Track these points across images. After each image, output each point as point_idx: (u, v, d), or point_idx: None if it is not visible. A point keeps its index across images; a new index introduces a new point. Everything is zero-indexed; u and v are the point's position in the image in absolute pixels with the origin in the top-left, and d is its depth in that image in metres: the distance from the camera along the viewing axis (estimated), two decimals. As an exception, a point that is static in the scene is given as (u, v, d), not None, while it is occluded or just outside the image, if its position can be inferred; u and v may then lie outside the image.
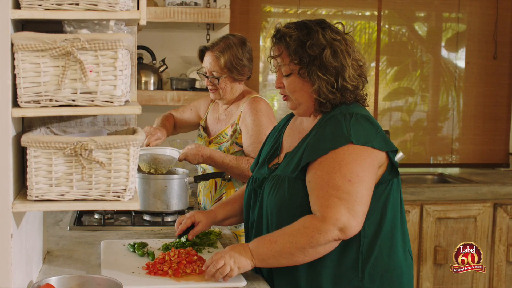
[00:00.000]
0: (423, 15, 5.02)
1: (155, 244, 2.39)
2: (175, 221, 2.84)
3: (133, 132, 1.86)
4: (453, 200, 4.11)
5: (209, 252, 2.32)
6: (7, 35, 1.57)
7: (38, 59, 1.59)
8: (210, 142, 3.10)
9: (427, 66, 5.02)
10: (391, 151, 2.02)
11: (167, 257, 2.10)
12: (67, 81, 1.60)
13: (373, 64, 4.92)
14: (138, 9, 1.72)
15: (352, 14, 4.97)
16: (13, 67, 1.59)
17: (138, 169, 2.87)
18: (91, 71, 1.61)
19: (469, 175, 4.61)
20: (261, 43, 4.73)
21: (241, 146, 2.96)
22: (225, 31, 4.21)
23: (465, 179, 4.44)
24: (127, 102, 1.74)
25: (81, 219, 2.83)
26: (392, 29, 4.98)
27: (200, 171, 3.15)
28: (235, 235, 2.91)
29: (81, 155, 1.62)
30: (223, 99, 3.06)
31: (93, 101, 1.63)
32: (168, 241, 2.39)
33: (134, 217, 2.84)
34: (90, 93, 1.62)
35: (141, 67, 4.05)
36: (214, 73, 2.98)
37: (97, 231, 2.66)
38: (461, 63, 5.05)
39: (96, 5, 1.61)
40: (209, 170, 3.02)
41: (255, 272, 2.18)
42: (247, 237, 2.28)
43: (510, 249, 4.15)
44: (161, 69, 4.13)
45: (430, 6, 4.98)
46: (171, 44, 4.33)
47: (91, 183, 1.66)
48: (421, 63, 5.02)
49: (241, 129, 2.95)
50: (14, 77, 1.60)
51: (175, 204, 2.84)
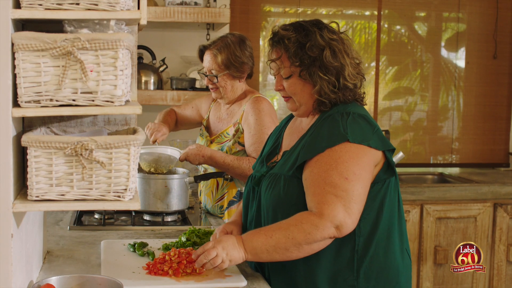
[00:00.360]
0: (423, 14, 5.02)
1: (155, 244, 2.39)
2: (175, 221, 2.85)
3: (134, 132, 1.85)
4: (453, 200, 4.11)
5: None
6: (7, 35, 1.57)
7: (38, 59, 1.59)
8: (211, 141, 3.10)
9: (427, 65, 5.02)
10: (388, 150, 2.02)
11: (167, 257, 2.10)
12: (67, 81, 1.60)
13: (373, 63, 4.92)
14: (138, 8, 1.72)
15: (352, 13, 4.97)
16: (14, 67, 1.59)
17: (138, 168, 2.89)
18: (91, 71, 1.61)
19: (469, 175, 4.61)
20: (261, 43, 4.73)
21: (244, 145, 2.96)
22: (225, 30, 4.21)
23: (465, 179, 4.44)
24: (127, 102, 1.74)
25: (81, 219, 2.83)
26: (392, 28, 4.98)
27: (201, 170, 3.15)
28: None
29: (81, 155, 1.62)
30: (224, 98, 3.06)
31: (93, 101, 1.62)
32: (168, 241, 2.39)
33: (134, 217, 2.84)
34: (90, 93, 1.62)
35: (141, 66, 4.05)
36: (213, 71, 2.99)
37: (97, 231, 2.66)
38: (461, 63, 5.05)
39: (96, 5, 1.61)
40: (211, 169, 3.02)
41: (255, 270, 2.18)
42: None
43: (510, 249, 4.15)
44: (161, 69, 4.13)
45: (430, 5, 4.98)
46: (171, 44, 4.33)
47: (91, 183, 1.65)
48: (421, 62, 5.02)
49: (243, 128, 2.95)
50: (14, 77, 1.60)
51: (175, 204, 2.84)
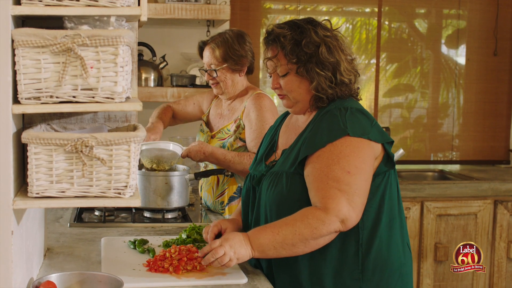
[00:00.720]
0: (423, 11, 5.02)
1: (155, 241, 2.38)
2: (175, 218, 2.85)
3: (134, 128, 1.85)
4: (453, 197, 4.10)
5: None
6: (7, 31, 1.56)
7: (38, 55, 1.58)
8: (212, 137, 3.10)
9: (427, 62, 5.02)
10: (387, 143, 2.04)
11: (167, 254, 2.10)
12: (67, 77, 1.59)
13: (373, 60, 4.91)
14: (139, 5, 1.72)
15: (352, 10, 4.96)
16: (14, 64, 1.59)
17: (139, 164, 2.89)
18: (91, 68, 1.60)
19: (470, 172, 4.60)
20: (262, 40, 4.71)
21: (245, 141, 2.96)
22: (226, 27, 4.20)
23: (466, 176, 4.44)
24: (128, 98, 1.73)
25: (81, 216, 2.83)
26: (392, 25, 4.98)
27: (202, 167, 3.15)
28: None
29: (81, 151, 1.61)
30: (225, 93, 3.06)
31: (93, 97, 1.62)
32: (168, 238, 2.39)
33: (134, 214, 2.84)
34: (90, 90, 1.62)
35: (141, 63, 4.05)
36: (212, 66, 3.01)
37: (97, 228, 2.65)
38: (462, 60, 5.05)
39: (96, 1, 1.60)
40: (211, 166, 3.02)
41: (255, 267, 2.18)
42: None
43: (510, 246, 4.14)
44: (161, 66, 4.12)
45: (430, 2, 4.97)
46: (171, 40, 4.32)
47: (91, 180, 1.65)
48: (421, 59, 5.01)
49: (244, 124, 2.95)
50: (14, 73, 1.59)
51: (176, 201, 2.83)
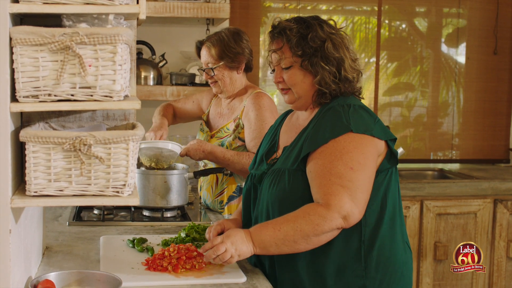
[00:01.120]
0: (423, 10, 5.01)
1: (154, 239, 2.38)
2: (174, 217, 2.84)
3: (133, 127, 1.85)
4: (453, 196, 4.10)
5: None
6: (5, 29, 1.56)
7: (36, 54, 1.58)
8: (211, 136, 3.09)
9: (427, 61, 5.01)
10: (390, 140, 2.04)
11: (166, 253, 2.09)
12: (66, 75, 1.59)
13: (373, 59, 4.91)
14: (137, 3, 1.71)
15: (352, 9, 4.95)
16: (12, 62, 1.58)
17: (138, 163, 2.89)
18: (90, 66, 1.60)
19: (469, 171, 4.60)
20: (261, 38, 4.72)
21: (244, 140, 2.95)
22: (225, 26, 4.18)
23: (465, 175, 4.44)
24: (126, 97, 1.73)
25: (80, 214, 2.82)
26: (392, 24, 4.97)
27: (201, 166, 3.14)
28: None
29: (80, 150, 1.61)
30: (224, 92, 3.05)
31: (92, 95, 1.62)
32: (167, 237, 2.38)
33: (133, 213, 2.83)
34: (89, 88, 1.61)
35: (141, 62, 4.04)
36: (209, 65, 3.01)
37: (96, 226, 2.65)
38: (461, 59, 5.04)
39: (95, -1, 1.60)
40: (210, 165, 3.02)
41: (255, 265, 2.17)
42: None
43: (510, 245, 4.14)
44: (161, 64, 4.12)
45: (430, 1, 4.96)
46: (170, 39, 4.32)
47: (90, 179, 1.65)
48: (421, 58, 5.00)
49: (244, 124, 2.95)
50: (12, 71, 1.59)
51: (175, 199, 2.83)
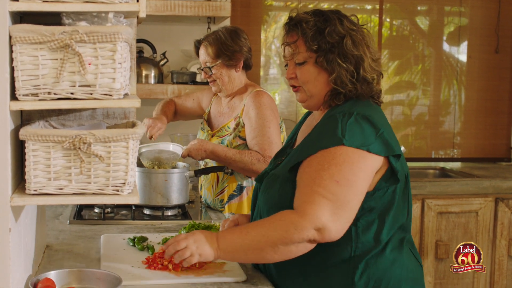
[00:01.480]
0: (425, 8, 5.00)
1: (155, 238, 2.38)
2: (175, 215, 2.84)
3: (133, 125, 1.84)
4: (454, 194, 4.09)
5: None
6: (5, 28, 1.56)
7: (36, 52, 1.58)
8: (212, 135, 3.09)
9: (428, 60, 5.01)
10: (393, 156, 1.87)
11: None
12: (65, 74, 1.59)
13: (375, 58, 4.90)
14: (137, 1, 1.71)
15: (353, 7, 4.95)
16: (11, 60, 1.58)
17: (141, 165, 2.89)
18: (89, 64, 1.60)
19: (471, 170, 4.59)
20: (262, 37, 4.71)
21: (244, 139, 2.95)
22: (226, 24, 4.18)
23: (467, 174, 4.43)
24: (126, 95, 1.73)
25: (81, 213, 2.82)
26: (393, 22, 4.96)
27: (201, 164, 3.14)
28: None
29: (79, 148, 1.61)
30: (223, 91, 3.05)
31: (91, 94, 1.61)
32: (168, 235, 2.38)
33: (134, 211, 2.83)
34: (88, 86, 1.61)
35: (142, 60, 4.04)
36: (207, 64, 3.00)
37: (97, 225, 2.65)
38: (463, 57, 5.03)
39: (94, -3, 1.60)
40: (211, 163, 3.02)
41: (255, 268, 2.16)
42: None
43: (511, 243, 4.14)
44: (162, 63, 4.12)
45: (432, -1, 4.97)
46: (171, 37, 4.31)
47: (90, 177, 1.64)
48: (422, 57, 5.00)
49: (244, 123, 2.95)
50: (12, 70, 1.59)
51: (176, 198, 2.83)
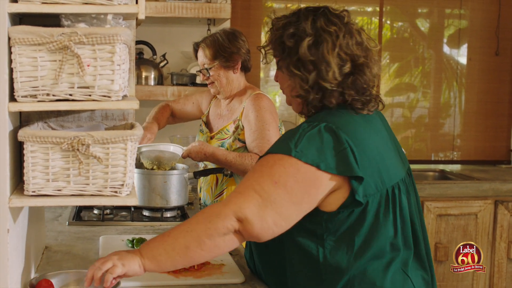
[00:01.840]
0: (425, 11, 5.01)
1: (154, 239, 2.38)
2: (174, 217, 2.85)
3: (131, 127, 1.85)
4: (454, 196, 4.09)
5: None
6: (4, 29, 1.56)
7: (35, 53, 1.58)
8: (211, 137, 3.09)
9: (429, 62, 5.01)
10: (355, 178, 1.70)
11: (165, 253, 2.09)
12: (64, 75, 1.59)
13: (375, 60, 4.90)
14: (136, 3, 1.71)
15: (354, 10, 4.95)
16: (10, 61, 1.58)
17: (141, 165, 2.90)
18: (88, 66, 1.60)
19: (471, 172, 4.59)
20: (263, 39, 4.71)
21: (244, 142, 2.95)
22: (226, 26, 4.19)
23: (467, 176, 4.43)
24: (125, 97, 1.73)
25: (80, 214, 2.83)
26: (394, 25, 4.97)
27: (201, 166, 3.14)
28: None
29: (78, 150, 1.61)
30: (221, 93, 3.05)
31: (90, 95, 1.62)
32: (167, 237, 2.38)
33: (133, 213, 2.84)
34: (87, 88, 1.61)
35: (142, 62, 4.04)
36: (205, 65, 3.01)
37: (96, 226, 2.65)
38: (463, 60, 5.04)
39: (93, -1, 1.60)
40: (211, 165, 3.02)
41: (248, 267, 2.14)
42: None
43: (511, 246, 4.13)
44: (162, 64, 4.12)
45: (432, 2, 4.96)
46: (171, 39, 4.32)
47: (88, 178, 1.65)
48: (423, 59, 5.00)
49: (243, 125, 2.95)
50: (11, 71, 1.59)
51: (175, 199, 2.83)
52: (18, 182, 1.76)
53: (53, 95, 1.60)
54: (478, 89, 5.05)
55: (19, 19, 1.80)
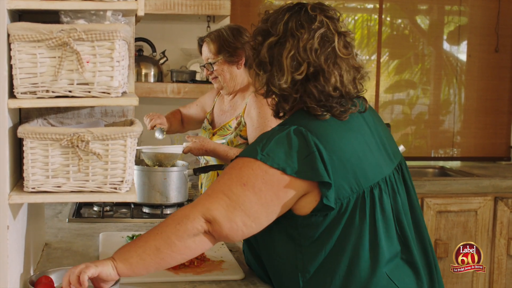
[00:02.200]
0: (425, 8, 5.00)
1: (153, 236, 2.38)
2: (174, 214, 2.85)
3: (131, 123, 1.85)
4: (454, 193, 4.10)
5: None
6: (3, 26, 1.56)
7: (34, 50, 1.58)
8: (214, 133, 3.10)
9: (428, 59, 5.01)
10: (324, 184, 1.67)
11: (165, 250, 2.09)
12: (63, 72, 1.59)
13: (374, 56, 4.90)
14: (135, -1, 1.71)
15: (354, 6, 4.95)
16: (10, 58, 1.58)
17: (141, 162, 2.90)
18: (88, 62, 1.60)
19: (470, 169, 4.59)
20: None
21: (245, 138, 2.95)
22: (226, 23, 4.19)
23: (466, 173, 4.43)
24: (124, 93, 1.73)
25: (80, 211, 2.83)
26: (393, 22, 4.96)
27: (202, 162, 3.14)
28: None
29: (77, 146, 1.61)
30: (225, 88, 3.06)
31: (90, 92, 1.62)
32: (166, 234, 2.38)
33: (133, 210, 2.84)
34: (87, 84, 1.61)
35: (141, 59, 4.04)
36: (209, 60, 3.01)
37: (96, 223, 2.65)
38: (463, 56, 5.04)
39: (93, -5, 1.60)
40: (213, 161, 3.02)
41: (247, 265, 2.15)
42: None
43: (510, 242, 4.14)
44: (161, 61, 4.12)
45: (432, -2, 4.97)
46: (171, 36, 4.31)
47: (88, 175, 1.65)
48: (422, 56, 5.00)
49: (245, 122, 2.95)
50: (10, 67, 1.59)
51: (175, 196, 2.83)
52: (17, 178, 1.76)
53: (53, 92, 1.60)
54: (478, 86, 5.04)
55: (19, 15, 1.80)
